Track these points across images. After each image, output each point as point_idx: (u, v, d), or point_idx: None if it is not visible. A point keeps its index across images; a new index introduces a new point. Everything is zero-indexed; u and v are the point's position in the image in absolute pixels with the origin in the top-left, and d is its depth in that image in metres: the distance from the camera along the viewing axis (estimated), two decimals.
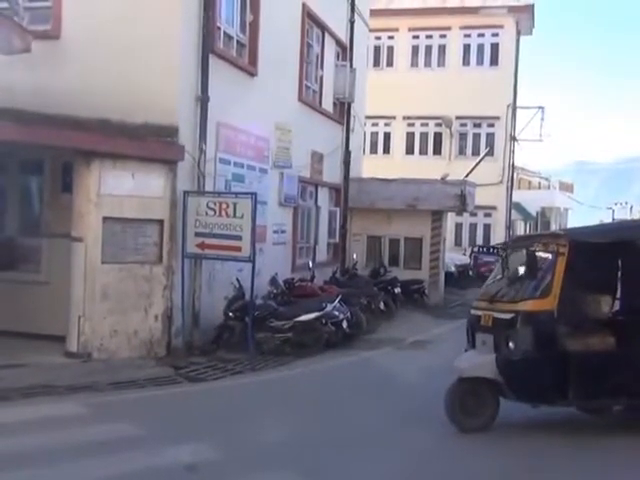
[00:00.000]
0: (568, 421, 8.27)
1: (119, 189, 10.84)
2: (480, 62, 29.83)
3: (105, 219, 10.77)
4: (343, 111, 19.71)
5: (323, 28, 17.95)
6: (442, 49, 30.12)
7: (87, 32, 11.39)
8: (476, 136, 30.14)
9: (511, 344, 7.68)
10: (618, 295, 8.72)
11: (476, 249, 26.62)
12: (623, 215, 54.64)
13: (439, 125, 29.97)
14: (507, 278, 8.53)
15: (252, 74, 13.88)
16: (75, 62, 11.39)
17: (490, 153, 28.40)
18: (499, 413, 7.88)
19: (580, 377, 7.62)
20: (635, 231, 8.88)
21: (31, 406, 8.25)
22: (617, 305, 8.70)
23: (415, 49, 30.37)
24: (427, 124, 30.37)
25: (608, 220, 55.61)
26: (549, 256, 8.10)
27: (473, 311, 8.54)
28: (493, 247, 9.22)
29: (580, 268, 7.82)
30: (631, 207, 55.67)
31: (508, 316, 7.81)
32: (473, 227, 30.24)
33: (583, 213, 59.30)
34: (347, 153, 19.81)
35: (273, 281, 13.63)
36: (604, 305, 8.30)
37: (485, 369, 7.77)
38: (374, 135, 30.48)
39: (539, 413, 8.14)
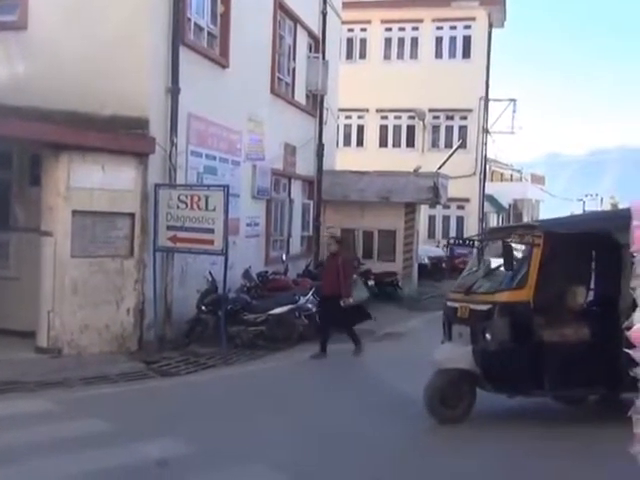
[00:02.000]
0: (545, 411, 8.35)
1: (89, 182, 10.70)
2: (452, 55, 29.93)
3: (75, 213, 10.62)
4: (316, 103, 19.65)
5: (295, 20, 17.87)
6: (415, 42, 30.17)
7: (55, 23, 11.22)
8: (449, 129, 30.27)
9: (488, 335, 7.71)
10: (592, 286, 8.81)
11: (452, 241, 26.64)
12: (594, 207, 55.32)
13: (412, 118, 30.05)
14: (483, 270, 8.55)
15: (223, 66, 13.77)
16: (43, 53, 11.22)
17: (463, 146, 28.55)
18: (476, 404, 7.91)
19: (555, 367, 7.68)
20: (605, 222, 8.96)
21: (0, 403, 8.12)
22: (592, 296, 8.79)
23: (388, 42, 30.39)
24: (400, 117, 30.44)
25: (579, 212, 56.30)
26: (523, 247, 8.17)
27: (449, 303, 8.53)
28: (469, 239, 9.34)
29: (555, 259, 7.89)
30: (601, 199, 56.38)
31: (485, 307, 7.85)
32: (446, 219, 30.40)
33: (555, 205, 59.92)
34: (320, 146, 19.77)
35: (246, 274, 13.57)
36: (579, 296, 8.32)
37: (462, 361, 7.80)
38: (347, 128, 30.49)
39: (515, 404, 8.20)
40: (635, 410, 5.17)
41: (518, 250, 8.54)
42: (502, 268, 8.13)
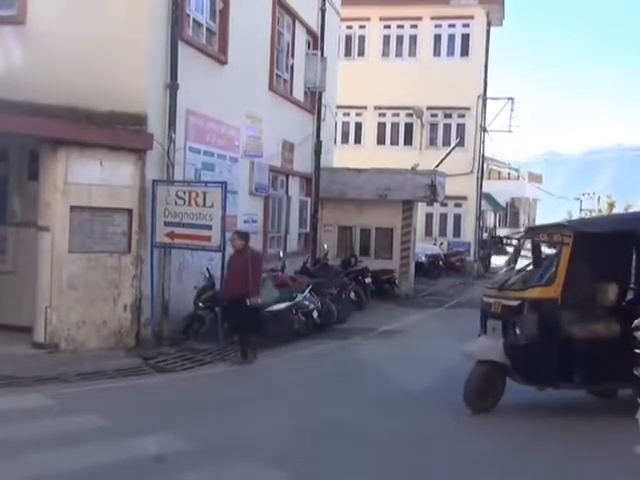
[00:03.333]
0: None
1: (87, 177, 10.70)
2: (451, 53, 29.90)
3: (72, 208, 10.62)
4: (314, 100, 19.64)
5: (294, 16, 17.85)
6: (413, 39, 30.13)
7: (53, 17, 11.19)
8: (447, 126, 30.25)
9: (517, 330, 8.10)
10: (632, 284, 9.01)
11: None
12: (591, 206, 55.37)
13: (410, 115, 30.03)
14: (516, 267, 8.98)
15: (222, 62, 13.76)
16: (41, 48, 11.20)
17: (460, 144, 28.54)
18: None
19: (584, 362, 8.00)
20: (632, 223, 9.18)
21: None
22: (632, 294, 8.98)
23: (386, 39, 30.34)
24: (398, 114, 30.41)
25: (576, 210, 56.36)
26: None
27: (485, 298, 8.91)
28: (508, 237, 9.90)
29: (586, 258, 8.16)
30: (598, 198, 56.39)
31: (515, 303, 8.21)
32: (443, 217, 30.41)
33: (552, 203, 60.01)
34: (318, 143, 19.77)
35: None
36: (610, 293, 8.54)
37: (494, 353, 8.17)
38: (345, 125, 30.46)
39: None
40: None
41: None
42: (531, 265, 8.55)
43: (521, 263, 9.15)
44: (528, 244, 8.88)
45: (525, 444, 7.15)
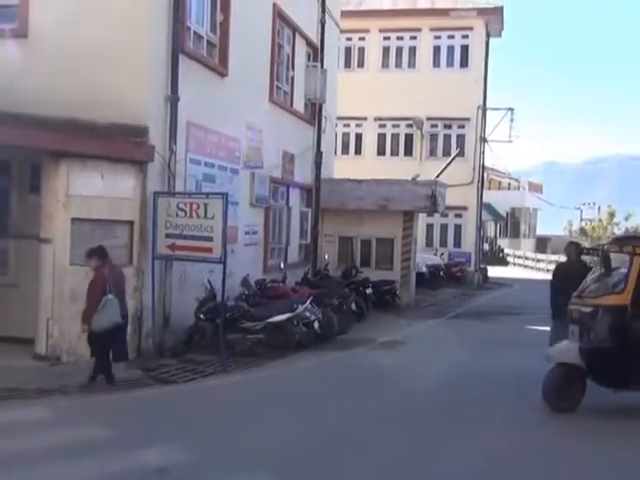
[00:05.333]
0: None
1: (88, 190, 10.72)
2: (450, 64, 30.03)
3: (74, 220, 10.64)
4: (314, 112, 19.71)
5: (294, 29, 17.94)
6: (413, 50, 30.27)
7: (55, 31, 11.22)
8: (447, 137, 30.34)
9: (592, 334, 8.66)
10: None
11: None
12: (591, 215, 55.37)
13: (410, 126, 30.13)
14: (597, 276, 9.43)
15: (222, 74, 13.82)
16: (43, 61, 11.24)
17: (461, 154, 28.62)
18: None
19: None
20: None
21: None
22: None
23: (386, 50, 30.48)
24: (398, 125, 30.51)
25: (577, 220, 56.35)
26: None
27: (569, 305, 9.42)
28: (594, 248, 10.90)
29: None
30: (599, 207, 56.38)
31: (590, 309, 8.84)
32: (444, 227, 30.46)
33: (552, 213, 60.03)
34: (318, 154, 19.83)
35: (245, 282, 13.58)
36: None
37: (570, 356, 8.76)
38: (345, 136, 30.55)
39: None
40: None
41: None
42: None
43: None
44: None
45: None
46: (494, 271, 32.58)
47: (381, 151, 30.73)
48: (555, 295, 10.85)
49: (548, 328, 11.21)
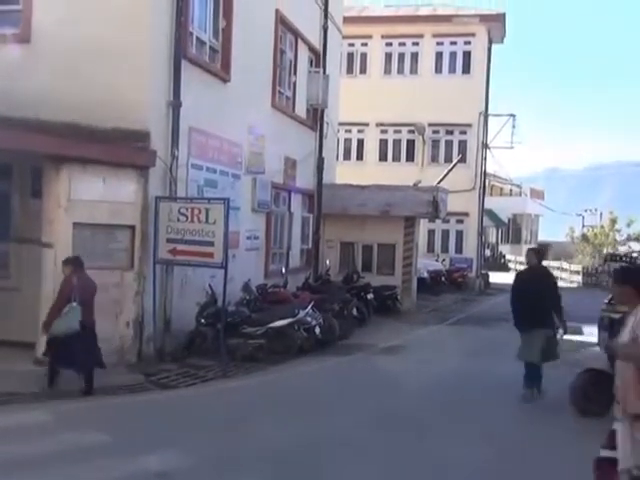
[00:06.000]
0: None
1: (90, 194, 10.73)
2: (452, 70, 30.05)
3: (75, 224, 10.64)
4: (316, 117, 19.74)
5: (296, 34, 17.98)
6: (415, 57, 30.30)
7: (57, 36, 11.27)
8: (448, 143, 30.35)
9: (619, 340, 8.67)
10: None
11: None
12: (593, 222, 55.30)
13: (412, 132, 30.14)
14: None
15: (225, 80, 13.85)
16: (45, 66, 11.26)
17: (462, 160, 28.61)
18: None
19: None
20: None
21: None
22: None
23: (388, 56, 30.51)
24: (400, 131, 30.52)
25: (578, 226, 56.29)
26: None
27: (602, 313, 9.95)
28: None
29: None
30: (600, 214, 56.31)
31: (617, 316, 8.89)
32: (445, 233, 30.44)
33: (554, 219, 59.95)
34: (320, 159, 19.85)
35: (246, 287, 13.59)
36: None
37: (599, 361, 8.98)
38: (347, 141, 30.57)
39: None
40: None
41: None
42: None
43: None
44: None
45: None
46: (495, 277, 32.52)
47: (383, 157, 30.75)
48: (515, 305, 10.27)
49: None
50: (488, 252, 42.96)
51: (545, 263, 38.90)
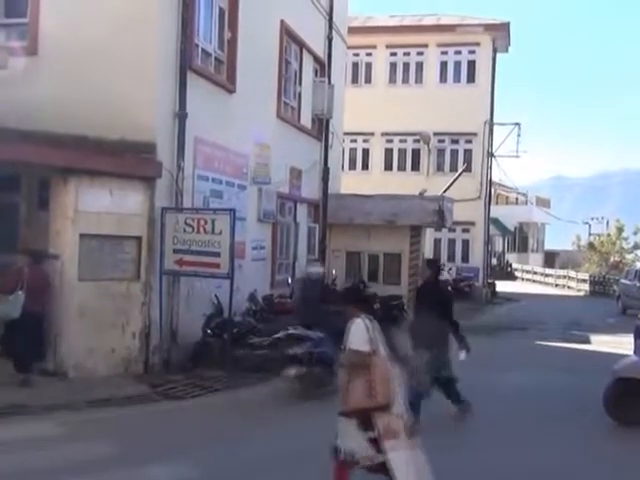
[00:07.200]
0: None
1: (96, 206, 10.77)
2: (457, 79, 30.09)
3: (82, 236, 10.68)
4: (321, 127, 19.78)
5: (301, 45, 18.05)
6: (419, 66, 30.36)
7: (64, 49, 11.35)
8: (454, 152, 30.35)
9: None
10: None
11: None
12: (600, 230, 55.18)
13: (417, 141, 30.16)
14: None
15: (230, 91, 13.90)
16: (52, 78, 11.34)
17: (468, 169, 28.61)
18: None
19: None
20: None
21: (6, 426, 8.13)
22: None
23: (393, 66, 30.58)
24: (405, 140, 30.55)
25: (585, 235, 56.18)
26: None
27: (637, 321, 10.04)
28: None
29: None
30: (607, 222, 56.20)
31: None
32: (451, 242, 30.41)
33: (560, 228, 59.89)
34: (326, 169, 19.87)
35: (252, 298, 13.58)
36: None
37: (633, 371, 9.16)
38: (353, 151, 30.60)
39: None
40: None
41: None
42: None
43: None
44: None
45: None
46: (502, 286, 32.47)
47: (388, 166, 30.76)
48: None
49: (557, 344, 11.20)
50: (495, 261, 42.89)
51: (552, 271, 38.27)
